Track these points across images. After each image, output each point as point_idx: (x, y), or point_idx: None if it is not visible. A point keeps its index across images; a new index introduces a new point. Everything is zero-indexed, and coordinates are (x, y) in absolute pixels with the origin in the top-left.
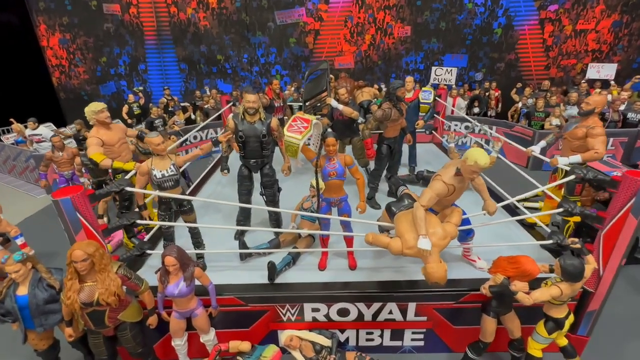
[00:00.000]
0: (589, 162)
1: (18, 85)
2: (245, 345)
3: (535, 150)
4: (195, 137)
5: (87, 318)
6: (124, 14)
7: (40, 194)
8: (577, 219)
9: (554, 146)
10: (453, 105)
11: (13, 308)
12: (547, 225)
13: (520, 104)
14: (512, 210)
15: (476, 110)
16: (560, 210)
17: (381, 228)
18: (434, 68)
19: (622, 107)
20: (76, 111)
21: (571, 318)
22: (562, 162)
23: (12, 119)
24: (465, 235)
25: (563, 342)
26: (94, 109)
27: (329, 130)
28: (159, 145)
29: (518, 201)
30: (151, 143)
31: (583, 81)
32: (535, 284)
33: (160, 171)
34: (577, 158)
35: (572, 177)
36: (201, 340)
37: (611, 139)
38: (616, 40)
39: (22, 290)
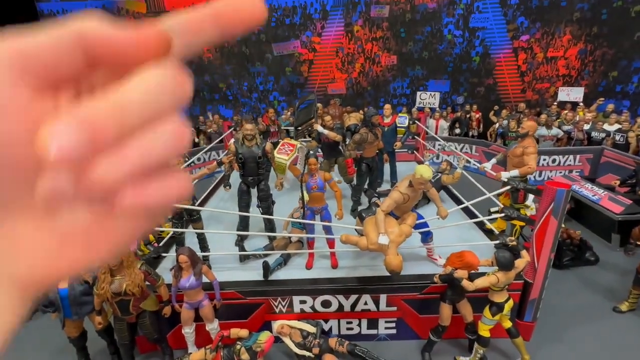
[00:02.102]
0: (524, 175)
1: None
2: (243, 332)
3: (487, 166)
4: (199, 159)
5: (115, 306)
6: None
7: None
8: (523, 222)
9: None
10: (436, 127)
11: (56, 298)
12: (503, 231)
13: (497, 125)
14: (475, 216)
15: (457, 131)
16: (502, 215)
17: (359, 232)
18: (419, 93)
19: (587, 127)
20: None
21: (510, 303)
22: (505, 176)
23: None
24: (425, 237)
25: (507, 324)
26: None
27: (311, 152)
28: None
29: (491, 212)
30: None
31: (554, 104)
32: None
33: None
34: (515, 172)
35: (508, 187)
36: (207, 328)
37: (578, 156)
38: (583, 66)
39: (63, 284)
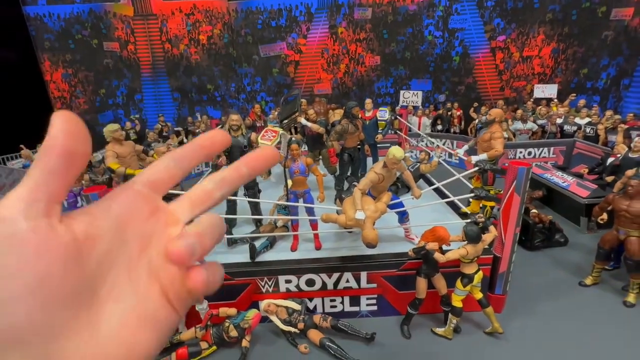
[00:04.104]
0: (492, 158)
1: (22, 115)
2: (232, 311)
3: (460, 152)
4: None
5: None
6: (122, 50)
7: None
8: (493, 203)
9: None
10: (419, 124)
11: None
12: (476, 213)
13: (477, 121)
14: (450, 203)
15: (439, 127)
16: (472, 195)
17: (339, 213)
18: (402, 92)
19: (560, 121)
20: None
21: (480, 274)
22: (474, 159)
23: (22, 146)
24: (402, 216)
25: (478, 295)
26: (111, 129)
27: (293, 139)
28: (164, 153)
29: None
30: (159, 152)
31: (530, 100)
32: None
33: None
34: (483, 156)
35: (476, 168)
36: (196, 308)
37: (552, 148)
38: (556, 64)
39: None
